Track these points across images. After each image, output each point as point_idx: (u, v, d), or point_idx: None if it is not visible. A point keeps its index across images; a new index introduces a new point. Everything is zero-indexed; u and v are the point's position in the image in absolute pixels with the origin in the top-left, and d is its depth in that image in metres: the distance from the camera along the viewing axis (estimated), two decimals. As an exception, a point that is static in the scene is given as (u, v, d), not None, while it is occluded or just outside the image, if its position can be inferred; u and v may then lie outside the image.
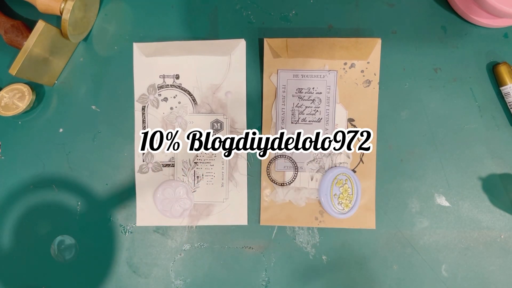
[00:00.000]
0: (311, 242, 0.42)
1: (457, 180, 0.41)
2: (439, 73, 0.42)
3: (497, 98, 0.42)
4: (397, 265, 0.41)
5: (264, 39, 0.41)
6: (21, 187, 0.43)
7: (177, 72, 0.43)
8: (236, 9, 0.43)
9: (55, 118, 0.43)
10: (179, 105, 0.43)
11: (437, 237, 0.41)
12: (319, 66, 0.41)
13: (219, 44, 0.42)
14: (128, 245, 0.42)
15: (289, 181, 0.42)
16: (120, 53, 0.43)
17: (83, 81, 0.44)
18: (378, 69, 0.41)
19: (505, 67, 0.40)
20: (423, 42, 0.42)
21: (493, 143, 0.41)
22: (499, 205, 0.41)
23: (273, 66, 0.42)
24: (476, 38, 0.42)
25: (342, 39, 0.40)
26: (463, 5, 0.41)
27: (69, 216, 0.43)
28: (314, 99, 0.42)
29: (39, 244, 0.43)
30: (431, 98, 0.42)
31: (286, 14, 0.43)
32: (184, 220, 0.42)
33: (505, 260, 0.41)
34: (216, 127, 0.42)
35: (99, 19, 0.44)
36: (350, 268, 0.41)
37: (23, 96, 0.42)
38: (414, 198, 0.41)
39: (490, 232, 0.41)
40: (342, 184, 0.41)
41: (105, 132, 0.43)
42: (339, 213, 0.41)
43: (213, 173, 0.42)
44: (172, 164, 0.42)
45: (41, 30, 0.38)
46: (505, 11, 0.37)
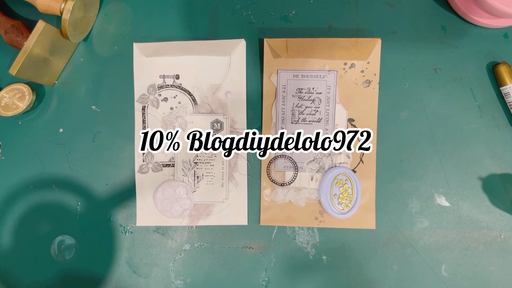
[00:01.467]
0: (311, 242, 0.42)
1: (457, 180, 0.41)
2: (439, 73, 0.42)
3: (497, 98, 0.42)
4: (397, 265, 0.41)
5: (264, 39, 0.41)
6: (21, 187, 0.43)
7: (177, 72, 0.43)
8: (236, 9, 0.43)
9: (55, 118, 0.43)
10: (179, 105, 0.43)
11: (437, 237, 0.41)
12: (319, 66, 0.41)
13: (219, 44, 0.42)
14: (128, 245, 0.42)
15: (289, 181, 0.42)
16: (120, 53, 0.43)
17: (83, 81, 0.44)
18: (378, 69, 0.41)
19: (505, 67, 0.40)
20: (423, 42, 0.42)
21: (493, 143, 0.41)
22: (499, 205, 0.41)
23: (273, 66, 0.42)
24: (476, 38, 0.42)
25: (342, 39, 0.40)
26: (463, 5, 0.41)
27: (69, 216, 0.43)
28: (314, 99, 0.42)
29: (39, 244, 0.43)
30: (431, 98, 0.42)
31: (286, 14, 0.43)
32: (184, 220, 0.42)
33: (505, 260, 0.41)
34: (216, 127, 0.42)
35: (99, 19, 0.44)
36: (350, 268, 0.41)
37: (23, 96, 0.42)
38: (414, 198, 0.41)
39: (490, 232, 0.41)
40: (342, 184, 0.41)
41: (105, 132, 0.43)
42: (339, 213, 0.41)
43: (213, 173, 0.42)
44: (172, 164, 0.42)
45: (41, 30, 0.38)
46: (505, 11, 0.37)
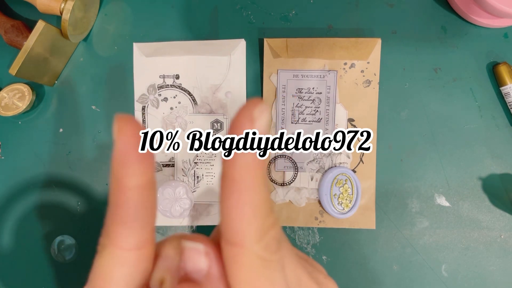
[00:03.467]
0: (311, 242, 0.42)
1: (457, 180, 0.41)
2: (439, 73, 0.42)
3: (497, 98, 0.42)
4: (397, 265, 0.41)
5: (264, 39, 0.41)
6: (21, 187, 0.43)
7: (177, 72, 0.43)
8: (236, 9, 0.43)
9: (55, 118, 0.43)
10: (179, 105, 0.43)
11: (437, 237, 0.41)
12: (319, 66, 0.41)
13: (219, 44, 0.42)
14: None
15: (289, 181, 0.42)
16: (120, 53, 0.43)
17: (83, 81, 0.44)
18: (378, 69, 0.41)
19: (505, 67, 0.40)
20: (423, 42, 0.42)
21: (493, 143, 0.41)
22: (499, 205, 0.41)
23: (273, 66, 0.42)
24: (476, 38, 0.42)
25: (342, 39, 0.40)
26: (463, 5, 0.41)
27: (69, 216, 0.43)
28: (314, 99, 0.42)
29: (39, 244, 0.43)
30: (431, 98, 0.42)
31: (286, 14, 0.43)
32: (184, 220, 0.42)
33: (505, 260, 0.41)
34: (216, 127, 0.42)
35: (99, 19, 0.44)
36: (350, 268, 0.41)
37: (23, 96, 0.42)
38: (414, 198, 0.41)
39: (490, 232, 0.41)
40: (342, 184, 0.41)
41: (105, 132, 0.43)
42: (339, 213, 0.41)
43: (213, 173, 0.42)
44: (172, 164, 0.42)
45: (41, 30, 0.38)
46: (505, 11, 0.37)
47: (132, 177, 0.13)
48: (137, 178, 0.13)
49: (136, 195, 0.13)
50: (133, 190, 0.13)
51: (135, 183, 0.13)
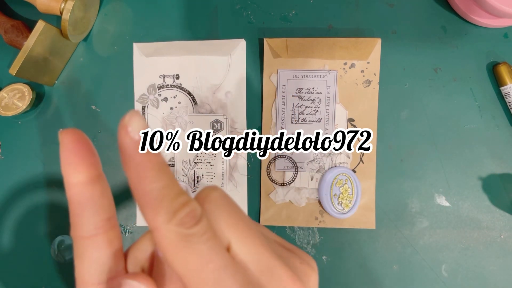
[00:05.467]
0: (311, 242, 0.42)
1: (457, 180, 0.41)
2: (439, 73, 0.42)
3: (497, 98, 0.42)
4: (397, 265, 0.41)
5: (264, 39, 0.41)
6: (21, 187, 0.43)
7: (177, 72, 0.43)
8: (236, 9, 0.43)
9: (55, 118, 0.43)
10: (179, 105, 0.43)
11: (437, 237, 0.41)
12: (319, 66, 0.41)
13: (219, 44, 0.42)
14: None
15: (289, 181, 0.42)
16: (120, 53, 0.43)
17: (83, 81, 0.44)
18: (378, 69, 0.41)
19: (505, 67, 0.40)
20: (423, 42, 0.42)
21: (493, 143, 0.41)
22: (499, 205, 0.41)
23: (273, 66, 0.42)
24: (476, 38, 0.42)
25: (342, 39, 0.40)
26: (463, 5, 0.41)
27: (69, 216, 0.43)
28: (314, 99, 0.42)
29: (39, 244, 0.43)
30: (431, 98, 0.42)
31: (286, 14, 0.43)
32: (184, 220, 0.42)
33: (505, 260, 0.41)
34: (216, 127, 0.42)
35: (99, 19, 0.44)
36: (350, 268, 0.41)
37: (23, 96, 0.42)
38: (414, 198, 0.41)
39: (490, 232, 0.41)
40: (342, 184, 0.41)
41: (105, 132, 0.43)
42: (339, 213, 0.41)
43: (213, 173, 0.42)
44: (172, 164, 0.42)
45: (41, 30, 0.38)
46: (505, 11, 0.37)
47: (73, 175, 0.15)
48: (79, 176, 0.15)
49: (80, 190, 0.15)
50: (77, 186, 0.15)
51: (77, 180, 0.15)
